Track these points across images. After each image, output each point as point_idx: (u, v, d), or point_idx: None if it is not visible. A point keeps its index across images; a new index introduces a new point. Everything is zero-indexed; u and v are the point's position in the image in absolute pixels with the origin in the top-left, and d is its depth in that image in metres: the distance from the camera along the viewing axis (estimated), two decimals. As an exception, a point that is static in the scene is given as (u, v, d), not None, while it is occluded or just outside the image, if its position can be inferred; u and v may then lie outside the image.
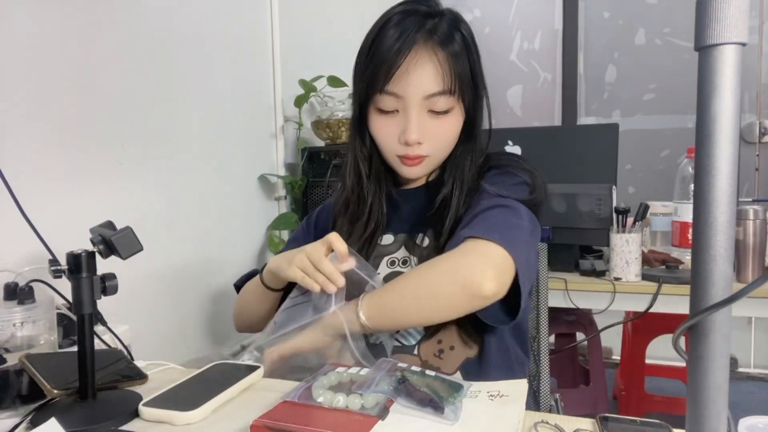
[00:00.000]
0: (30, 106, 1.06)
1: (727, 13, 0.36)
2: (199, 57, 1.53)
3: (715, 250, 0.38)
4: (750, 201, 2.17)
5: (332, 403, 0.62)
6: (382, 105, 0.82)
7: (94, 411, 0.70)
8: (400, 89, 0.79)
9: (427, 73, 0.78)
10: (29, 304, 0.76)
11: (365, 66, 0.82)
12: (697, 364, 0.40)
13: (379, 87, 0.80)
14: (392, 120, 0.83)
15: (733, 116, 0.37)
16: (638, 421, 0.64)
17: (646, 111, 2.77)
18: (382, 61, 0.79)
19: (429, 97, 0.80)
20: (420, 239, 0.88)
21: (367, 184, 0.90)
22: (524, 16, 2.92)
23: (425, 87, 0.79)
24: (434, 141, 0.83)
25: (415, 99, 0.80)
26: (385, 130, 0.84)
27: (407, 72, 0.78)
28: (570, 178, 1.59)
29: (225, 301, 1.66)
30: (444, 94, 0.79)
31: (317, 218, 1.04)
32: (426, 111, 0.81)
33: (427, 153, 0.84)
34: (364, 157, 0.90)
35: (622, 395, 2.16)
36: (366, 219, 0.90)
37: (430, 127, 0.82)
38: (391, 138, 0.84)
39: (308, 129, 2.04)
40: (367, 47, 0.82)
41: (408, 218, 0.92)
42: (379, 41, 0.80)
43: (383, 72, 0.79)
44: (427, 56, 0.78)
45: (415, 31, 0.78)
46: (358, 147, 0.90)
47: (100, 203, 1.20)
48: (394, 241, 0.91)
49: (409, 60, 0.78)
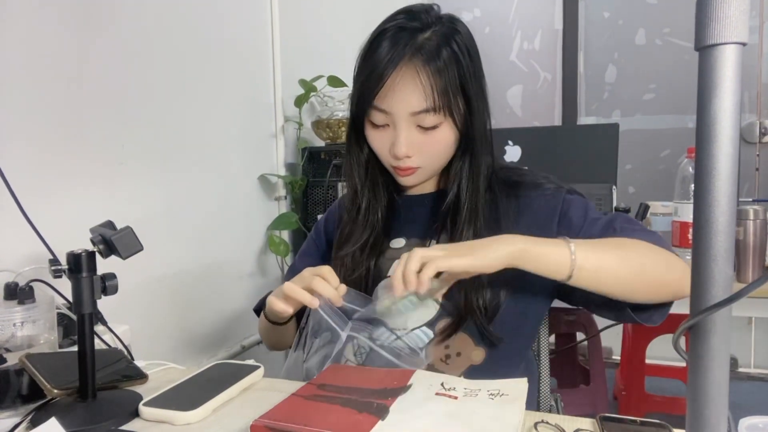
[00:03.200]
0: (30, 106, 1.06)
1: (727, 13, 0.36)
2: (199, 57, 1.53)
3: (715, 250, 0.38)
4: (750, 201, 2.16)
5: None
6: (374, 119, 0.83)
7: (94, 411, 0.70)
8: (387, 105, 0.80)
9: (411, 91, 0.79)
10: (29, 303, 0.76)
11: (358, 77, 0.83)
12: (697, 364, 0.40)
13: (369, 101, 0.81)
14: (384, 133, 0.84)
15: (733, 116, 0.37)
16: (638, 421, 0.65)
17: (646, 111, 2.77)
18: (371, 75, 0.79)
19: (415, 114, 0.80)
20: (431, 245, 0.88)
21: (361, 190, 0.91)
22: (524, 16, 2.92)
23: (411, 105, 0.79)
24: (424, 154, 0.84)
25: (402, 115, 0.80)
26: (378, 141, 0.85)
27: (393, 89, 0.79)
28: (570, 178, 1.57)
29: (225, 300, 1.67)
30: (428, 111, 0.79)
31: (325, 225, 1.04)
32: (414, 126, 0.82)
33: (418, 165, 0.84)
34: (359, 165, 0.91)
35: (622, 395, 2.16)
36: (363, 224, 0.91)
37: (419, 141, 0.82)
38: (383, 150, 0.85)
39: (308, 129, 2.04)
40: (361, 59, 0.83)
41: (421, 223, 0.92)
42: (370, 55, 0.80)
43: (372, 87, 0.80)
44: (410, 75, 0.78)
45: (403, 46, 0.78)
46: (354, 155, 0.91)
47: (100, 203, 1.20)
48: (405, 245, 0.91)
49: (395, 77, 0.78)
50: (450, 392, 0.68)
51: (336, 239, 0.95)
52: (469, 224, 0.85)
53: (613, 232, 0.80)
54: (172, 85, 1.42)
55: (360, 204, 0.91)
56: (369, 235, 0.90)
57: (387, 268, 0.90)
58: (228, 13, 1.67)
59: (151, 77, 1.35)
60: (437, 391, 0.68)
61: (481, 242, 0.73)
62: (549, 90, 2.92)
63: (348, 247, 0.90)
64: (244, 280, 1.77)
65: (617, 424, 0.63)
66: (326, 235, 1.03)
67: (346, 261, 0.90)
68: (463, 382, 0.71)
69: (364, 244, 0.90)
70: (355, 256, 0.90)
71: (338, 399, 0.65)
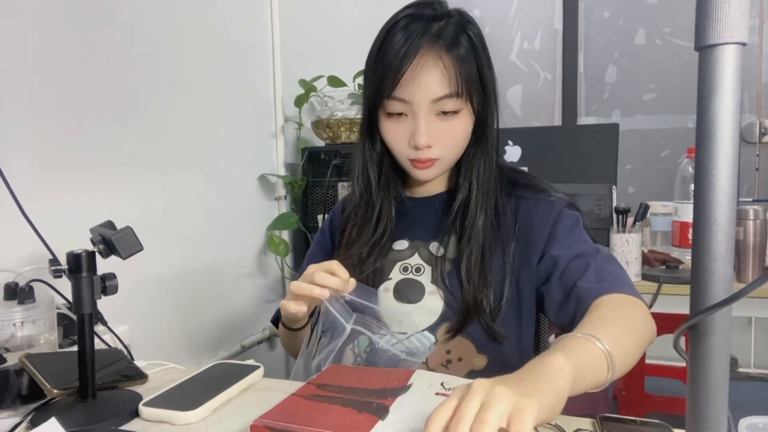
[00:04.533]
0: (30, 106, 1.06)
1: (727, 13, 0.36)
2: (199, 57, 1.53)
3: (715, 250, 0.38)
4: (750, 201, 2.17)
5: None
6: (391, 109, 0.82)
7: (94, 411, 0.70)
8: (407, 94, 0.80)
9: (434, 77, 0.79)
10: (29, 303, 0.76)
11: (373, 71, 0.82)
12: (697, 364, 0.40)
13: (387, 92, 0.80)
14: (402, 123, 0.83)
15: (733, 116, 0.37)
16: (638, 421, 0.65)
17: (646, 111, 2.77)
18: (388, 66, 0.79)
19: (437, 100, 0.80)
20: (435, 248, 0.88)
21: (377, 189, 0.90)
22: (524, 16, 2.92)
23: (432, 91, 0.79)
24: (444, 143, 0.83)
25: (423, 103, 0.80)
26: (395, 132, 0.84)
27: (414, 77, 0.78)
28: (570, 178, 1.59)
29: (225, 300, 1.67)
30: (451, 96, 0.79)
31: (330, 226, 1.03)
32: (434, 114, 0.81)
33: (437, 156, 0.84)
34: (374, 162, 0.90)
35: (622, 395, 2.16)
36: (375, 224, 0.90)
37: (439, 129, 0.82)
38: (401, 141, 0.84)
39: (308, 129, 2.04)
40: (375, 52, 0.82)
41: (424, 226, 0.91)
42: (386, 46, 0.80)
43: (390, 77, 0.79)
44: (433, 61, 0.78)
45: (421, 35, 0.78)
46: (367, 151, 0.90)
47: (100, 203, 1.20)
48: (408, 248, 0.91)
49: (415, 65, 0.78)
50: (450, 392, 0.67)
51: (344, 238, 0.94)
52: (474, 229, 0.84)
53: (595, 276, 0.77)
54: (172, 85, 1.42)
55: (374, 203, 0.90)
56: (381, 234, 0.90)
57: (389, 270, 0.90)
58: (228, 13, 1.67)
59: (152, 77, 1.35)
60: (437, 391, 0.68)
61: (544, 389, 0.52)
62: (549, 90, 2.92)
63: (357, 246, 0.90)
64: (244, 280, 1.77)
65: (617, 424, 0.63)
66: (331, 235, 1.02)
67: (354, 261, 0.89)
68: (463, 382, 0.71)
69: (374, 243, 0.89)
70: (362, 256, 0.89)
71: (338, 399, 0.65)
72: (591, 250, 0.82)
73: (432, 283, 0.86)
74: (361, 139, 0.90)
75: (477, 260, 0.83)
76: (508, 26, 2.93)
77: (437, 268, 0.86)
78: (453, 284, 0.85)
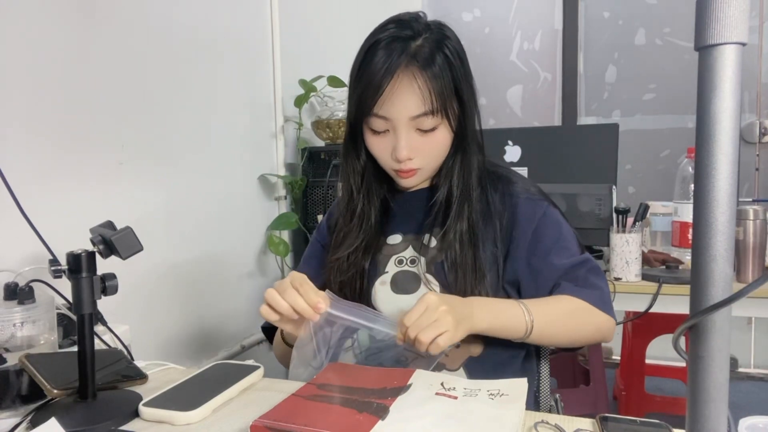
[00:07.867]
0: (30, 107, 1.06)
1: (727, 13, 0.36)
2: (200, 57, 1.53)
3: (715, 250, 0.38)
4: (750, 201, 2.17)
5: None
6: (373, 126, 0.87)
7: (94, 411, 0.70)
8: (386, 112, 0.84)
9: (410, 96, 0.83)
10: (29, 304, 0.76)
11: (354, 88, 0.87)
12: (697, 364, 0.40)
13: (368, 110, 0.85)
14: (384, 138, 0.88)
15: (733, 116, 0.37)
16: (638, 421, 0.65)
17: (646, 111, 2.76)
18: (368, 85, 0.83)
19: (414, 118, 0.84)
20: (427, 240, 0.92)
21: (357, 197, 0.95)
22: (524, 16, 2.92)
23: (410, 109, 0.83)
24: (424, 155, 0.88)
25: (402, 120, 0.84)
26: (380, 147, 0.89)
27: (392, 96, 0.83)
28: (570, 178, 1.59)
29: (225, 300, 1.67)
30: (427, 114, 0.84)
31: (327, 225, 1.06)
32: (414, 129, 0.86)
33: (418, 166, 0.89)
34: (356, 172, 0.95)
35: (622, 395, 2.16)
36: (357, 230, 0.94)
37: (418, 143, 0.86)
38: (385, 154, 0.89)
39: (308, 129, 2.04)
40: (356, 70, 0.86)
41: (415, 218, 0.95)
42: (366, 65, 0.84)
43: (371, 96, 0.83)
44: (408, 81, 0.82)
45: (398, 55, 0.82)
46: (351, 162, 0.95)
47: (100, 203, 1.20)
48: (402, 241, 0.95)
49: (393, 84, 0.82)
50: (450, 392, 0.68)
51: (333, 241, 0.98)
52: (460, 218, 0.89)
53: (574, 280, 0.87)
54: (172, 85, 1.42)
55: (355, 209, 0.95)
56: (363, 239, 0.94)
57: (384, 264, 0.93)
58: (228, 13, 1.67)
59: (152, 77, 1.35)
60: (437, 391, 0.68)
61: (462, 314, 0.77)
62: (549, 90, 2.92)
63: (342, 250, 0.93)
64: (244, 280, 1.77)
65: (617, 424, 0.63)
66: (329, 234, 1.05)
67: (341, 264, 0.93)
68: (463, 382, 0.71)
69: (358, 248, 0.93)
70: (350, 258, 0.93)
71: (338, 399, 0.65)
72: (577, 262, 0.88)
73: (427, 273, 0.90)
74: (344, 150, 0.95)
75: (468, 249, 0.88)
76: (508, 26, 2.93)
77: (430, 258, 0.90)
78: (448, 273, 0.88)
